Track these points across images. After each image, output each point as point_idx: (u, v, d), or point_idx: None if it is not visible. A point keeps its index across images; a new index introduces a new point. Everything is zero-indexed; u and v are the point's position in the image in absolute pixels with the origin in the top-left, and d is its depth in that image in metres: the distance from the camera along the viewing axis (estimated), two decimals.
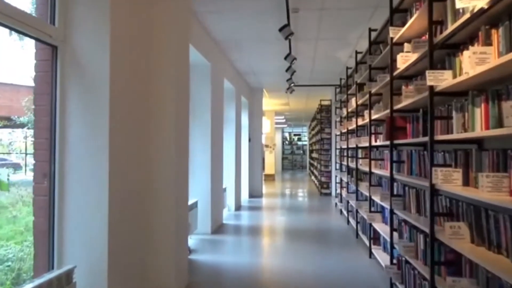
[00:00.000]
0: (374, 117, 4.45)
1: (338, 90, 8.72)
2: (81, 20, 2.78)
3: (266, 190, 12.45)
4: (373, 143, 4.64)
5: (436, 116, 2.70)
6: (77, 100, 2.77)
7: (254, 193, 10.58)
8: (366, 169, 4.99)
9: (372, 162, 4.68)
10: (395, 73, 3.58)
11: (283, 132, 26.27)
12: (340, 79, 8.08)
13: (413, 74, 3.46)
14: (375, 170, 4.55)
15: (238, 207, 8.45)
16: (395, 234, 3.65)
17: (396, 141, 3.59)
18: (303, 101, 13.24)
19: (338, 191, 8.38)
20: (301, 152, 26.31)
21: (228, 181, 8.05)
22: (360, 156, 5.79)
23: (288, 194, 11.73)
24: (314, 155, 15.22)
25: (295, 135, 27.08)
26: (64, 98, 2.77)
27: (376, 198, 4.35)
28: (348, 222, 6.70)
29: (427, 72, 2.52)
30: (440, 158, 2.80)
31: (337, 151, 8.85)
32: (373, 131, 4.72)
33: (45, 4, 2.72)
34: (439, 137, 2.57)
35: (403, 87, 3.42)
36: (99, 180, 2.74)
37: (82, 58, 2.78)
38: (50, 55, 2.76)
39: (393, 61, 3.64)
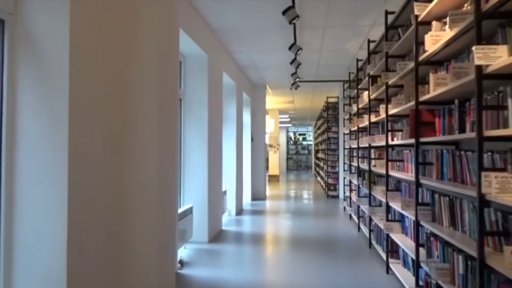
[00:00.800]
0: (392, 112, 3.87)
1: (346, 85, 8.13)
2: None
3: (270, 192, 11.88)
4: (391, 142, 4.06)
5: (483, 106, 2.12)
6: (29, 86, 2.23)
7: (257, 196, 10.02)
8: (381, 171, 4.41)
9: (389, 163, 4.11)
10: (421, 58, 2.99)
11: (287, 131, 25.69)
12: (349, 73, 7.50)
13: (443, 59, 2.88)
14: (392, 173, 3.97)
15: (239, 212, 7.89)
16: (422, 250, 3.06)
17: (422, 139, 3.01)
18: (309, 99, 12.66)
19: (347, 194, 7.80)
20: (306, 152, 25.74)
21: (229, 184, 7.50)
22: (373, 156, 5.21)
23: (293, 197, 11.16)
24: (320, 155, 14.64)
25: (300, 134, 26.49)
26: (13, 84, 2.22)
27: (395, 205, 3.77)
28: (359, 229, 6.11)
29: (474, 48, 1.94)
30: (485, 160, 2.21)
31: (346, 151, 8.27)
32: (390, 128, 4.14)
33: None
34: (490, 133, 1.99)
35: (431, 74, 2.85)
36: (56, 184, 2.20)
37: (36, 35, 2.23)
38: None
39: (419, 43, 3.06)
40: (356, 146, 6.43)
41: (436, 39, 2.69)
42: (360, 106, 5.96)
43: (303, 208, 8.90)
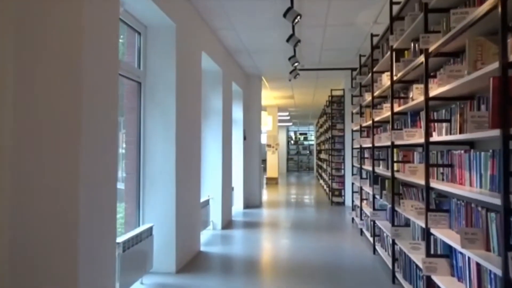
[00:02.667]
0: (437, 92, 2.55)
1: (356, 72, 6.79)
2: None
3: (267, 197, 10.57)
4: (435, 138, 2.74)
5: None
6: None
7: (251, 203, 8.71)
8: (410, 179, 3.09)
9: (428, 170, 2.79)
10: None
11: (288, 131, 24.37)
12: (360, 56, 6.17)
13: None
14: (435, 184, 2.66)
15: (227, 224, 6.57)
16: None
17: None
18: (310, 93, 11.34)
19: (356, 202, 6.48)
20: (308, 152, 24.43)
21: (213, 191, 6.18)
22: (396, 159, 3.90)
23: (294, 203, 9.83)
24: (323, 155, 13.32)
25: (301, 134, 25.18)
26: None
27: (442, 235, 2.46)
28: (375, 251, 4.79)
29: None
30: None
31: (354, 151, 6.95)
32: (430, 117, 2.82)
33: None
34: None
35: None
36: None
37: None
38: None
39: None
40: (369, 145, 5.12)
41: None
42: (376, 93, 4.63)
43: (304, 218, 7.57)
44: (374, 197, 4.78)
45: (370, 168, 5.10)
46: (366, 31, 5.48)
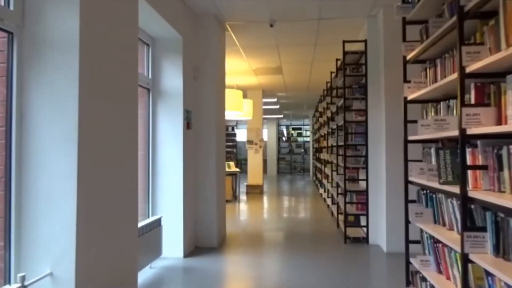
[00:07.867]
0: None
1: None
2: None
3: (241, 219, 6.72)
4: None
5: None
6: None
7: (203, 241, 4.86)
8: None
9: None
10: None
11: (278, 125, 20.53)
12: None
13: None
14: None
15: None
16: None
17: None
18: (307, 60, 7.40)
19: (420, 268, 2.63)
20: (302, 151, 20.66)
21: (51, 254, 2.27)
22: None
23: (281, 236, 5.98)
24: (324, 155, 9.46)
25: (294, 129, 21.37)
26: None
27: None
28: None
29: None
30: None
31: (412, 149, 3.09)
32: None
33: None
34: None
35: None
36: None
37: None
38: None
39: None
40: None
41: None
42: None
43: None
44: None
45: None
46: None
